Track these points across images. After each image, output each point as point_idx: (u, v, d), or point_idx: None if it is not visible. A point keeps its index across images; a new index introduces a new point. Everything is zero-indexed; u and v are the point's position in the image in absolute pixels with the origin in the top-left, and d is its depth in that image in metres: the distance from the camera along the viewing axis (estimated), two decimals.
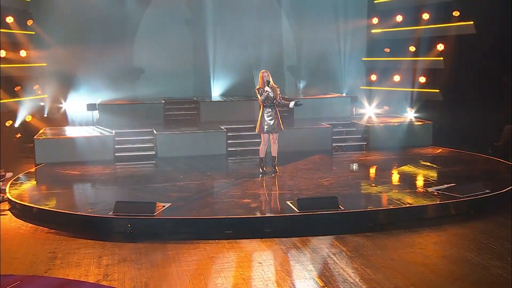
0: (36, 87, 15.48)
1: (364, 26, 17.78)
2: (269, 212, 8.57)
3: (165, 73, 16.62)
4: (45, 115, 15.92)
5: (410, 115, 15.35)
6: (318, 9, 17.93)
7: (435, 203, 8.73)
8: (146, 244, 7.47)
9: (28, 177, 11.33)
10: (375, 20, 17.18)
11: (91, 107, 14.55)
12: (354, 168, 11.74)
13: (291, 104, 10.63)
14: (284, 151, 11.77)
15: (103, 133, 13.43)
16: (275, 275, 6.38)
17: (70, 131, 13.92)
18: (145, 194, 9.67)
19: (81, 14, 16.07)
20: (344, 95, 17.41)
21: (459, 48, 14.33)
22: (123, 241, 7.67)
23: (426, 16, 15.21)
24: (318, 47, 17.77)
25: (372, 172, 11.60)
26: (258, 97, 10.58)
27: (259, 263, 6.75)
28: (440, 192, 9.20)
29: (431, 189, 9.46)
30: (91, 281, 6.28)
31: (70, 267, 6.74)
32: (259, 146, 11.01)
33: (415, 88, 15.59)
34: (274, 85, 10.63)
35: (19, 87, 14.65)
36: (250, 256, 7.01)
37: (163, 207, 8.39)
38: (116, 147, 12.85)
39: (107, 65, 15.99)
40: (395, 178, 10.82)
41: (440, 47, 14.81)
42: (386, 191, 9.60)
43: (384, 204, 8.88)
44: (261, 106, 10.62)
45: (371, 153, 13.24)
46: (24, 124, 14.73)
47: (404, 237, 7.71)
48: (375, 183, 10.36)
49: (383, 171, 11.48)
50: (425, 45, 15.27)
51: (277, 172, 10.84)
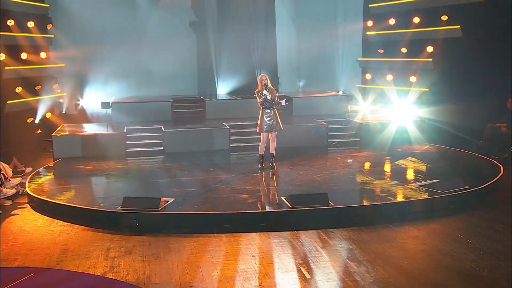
0: (55, 86, 15.66)
1: (359, 29, 17.79)
2: (264, 208, 8.62)
3: (173, 73, 16.78)
4: (63, 112, 16.12)
5: (401, 112, 15.37)
6: (319, 13, 18.03)
7: (417, 199, 8.76)
8: (151, 237, 7.57)
9: (46, 171, 11.46)
10: (370, 23, 17.16)
11: (105, 105, 14.68)
12: (346, 164, 11.71)
13: (283, 102, 10.71)
14: (283, 147, 11.85)
15: (116, 130, 13.53)
16: (266, 267, 6.48)
17: (86, 128, 14.06)
18: (151, 189, 9.79)
19: (96, 19, 16.26)
20: (340, 93, 17.45)
21: (447, 50, 14.34)
22: (130, 234, 7.75)
23: (416, 20, 15.21)
24: (317, 49, 17.88)
25: (362, 168, 11.54)
26: (257, 99, 10.67)
27: (253, 256, 6.84)
28: (424, 188, 9.22)
29: (415, 185, 9.49)
30: (98, 272, 6.40)
31: (80, 259, 6.85)
32: (259, 142, 11.06)
33: (406, 87, 15.61)
34: (272, 87, 10.71)
35: (39, 86, 14.83)
36: (245, 249, 7.08)
37: (167, 202, 8.47)
38: (127, 143, 12.98)
39: (120, 66, 16.20)
40: (382, 174, 10.78)
41: (430, 49, 14.80)
42: (373, 187, 9.63)
43: (371, 200, 8.91)
44: (260, 107, 10.71)
45: (363, 149, 13.22)
46: (44, 120, 14.95)
47: (387, 231, 7.75)
48: (364, 179, 10.35)
49: (372, 167, 11.47)
50: (416, 47, 15.27)
51: (274, 168, 10.92)
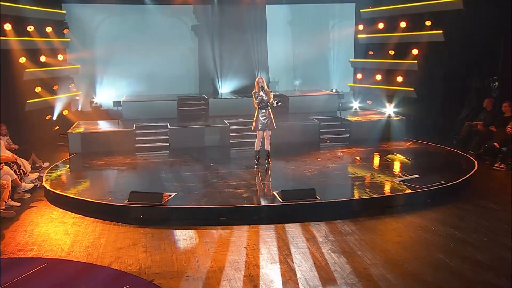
0: (71, 85, 15.77)
1: (352, 32, 17.87)
2: (257, 202, 8.70)
3: (179, 74, 16.91)
4: (79, 109, 16.28)
5: (388, 110, 15.47)
6: (314, 17, 18.08)
7: (397, 193, 8.85)
8: (154, 229, 7.69)
9: (62, 166, 11.59)
10: (361, 27, 17.20)
11: (116, 103, 14.78)
12: (335, 160, 11.74)
13: (275, 103, 10.78)
14: (278, 142, 11.98)
15: (126, 127, 13.66)
16: (256, 258, 6.62)
17: (99, 125, 14.17)
18: (156, 183, 9.87)
19: (108, 25, 16.45)
20: (333, 91, 17.54)
21: (430, 53, 14.41)
22: (135, 226, 7.86)
23: (403, 25, 15.25)
24: (313, 50, 17.95)
25: (349, 164, 11.48)
26: (253, 100, 10.78)
27: (244, 247, 6.98)
28: (404, 183, 9.31)
29: (396, 180, 9.57)
30: (105, 262, 6.54)
31: (88, 249, 7.00)
32: (255, 138, 11.12)
33: (393, 86, 15.69)
34: (267, 89, 10.81)
35: (57, 86, 14.96)
36: (238, 241, 7.20)
37: (169, 196, 8.59)
38: (136, 139, 13.10)
39: (129, 67, 16.33)
40: (367, 170, 10.72)
41: (415, 51, 14.86)
42: (358, 182, 9.73)
43: (354, 194, 9.00)
44: (256, 107, 10.82)
45: (352, 145, 13.23)
46: (61, 117, 15.09)
47: (368, 224, 7.85)
48: (349, 175, 10.40)
49: (359, 163, 11.46)
50: (402, 49, 15.34)
51: (269, 163, 11.02)
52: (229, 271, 6.26)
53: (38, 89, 14.03)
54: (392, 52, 15.77)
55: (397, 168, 10.95)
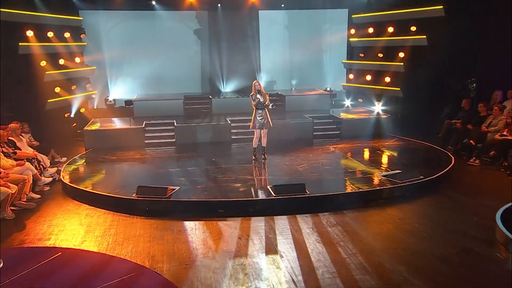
0: (87, 85, 15.96)
1: (344, 35, 17.94)
2: (252, 196, 8.78)
3: (185, 75, 17.04)
4: (95, 107, 16.46)
5: (377, 108, 15.56)
6: (310, 22, 18.14)
7: (380, 188, 8.94)
8: (158, 221, 7.81)
9: (79, 160, 11.79)
10: (352, 31, 17.29)
11: (128, 102, 14.88)
12: (326, 155, 11.83)
13: (270, 106, 10.89)
14: (275, 139, 12.15)
15: (136, 124, 13.79)
16: (250, 248, 6.75)
17: (112, 123, 14.34)
18: (162, 177, 10.00)
19: (120, 30, 16.62)
20: (328, 89, 17.64)
21: (415, 56, 14.49)
22: (142, 217, 8.00)
23: (391, 29, 15.35)
24: (309, 52, 18.03)
25: (338, 160, 11.45)
26: (251, 101, 10.91)
27: (239, 238, 7.12)
28: (386, 178, 9.41)
29: (380, 175, 9.68)
30: (113, 251, 6.68)
31: (99, 239, 7.15)
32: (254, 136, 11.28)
33: (381, 86, 15.77)
34: (264, 91, 10.95)
35: (74, 86, 15.16)
36: (234, 232, 7.33)
37: (173, 190, 8.72)
38: (146, 135, 13.26)
39: (140, 68, 16.48)
40: (354, 165, 10.76)
41: (401, 54, 14.97)
42: (345, 177, 9.83)
43: (341, 188, 9.07)
44: (254, 108, 10.95)
45: (342, 142, 13.31)
46: (79, 114, 15.28)
47: (352, 216, 7.94)
48: (337, 170, 10.50)
49: (347, 158, 11.50)
50: (390, 52, 15.47)
51: (266, 159, 11.15)
52: (225, 260, 6.40)
53: (57, 89, 14.24)
54: (380, 55, 15.88)
55: (381, 164, 11.00)
